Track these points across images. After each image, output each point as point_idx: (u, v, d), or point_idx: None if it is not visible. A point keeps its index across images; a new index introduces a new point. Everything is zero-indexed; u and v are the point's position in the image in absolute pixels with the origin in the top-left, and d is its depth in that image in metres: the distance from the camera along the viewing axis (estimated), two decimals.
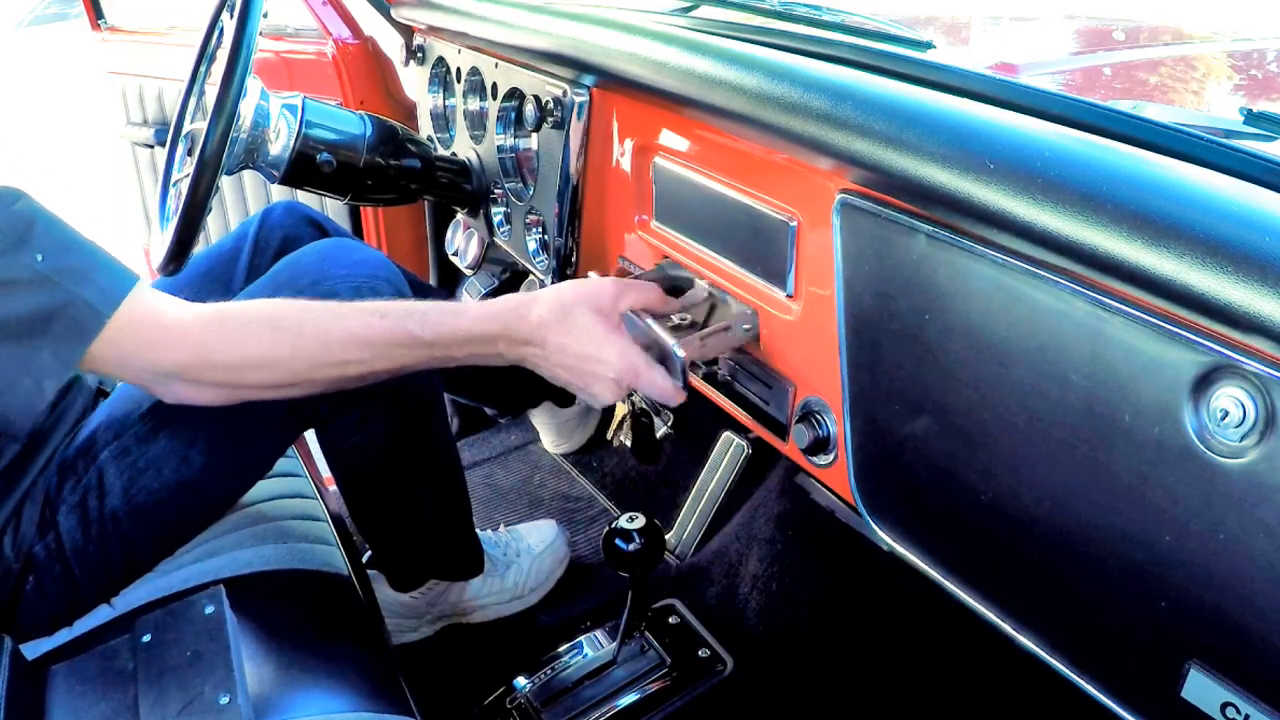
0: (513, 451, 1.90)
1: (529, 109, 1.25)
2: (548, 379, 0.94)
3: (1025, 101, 0.73)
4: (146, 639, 0.95)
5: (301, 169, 1.30)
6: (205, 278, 1.34)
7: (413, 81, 1.73)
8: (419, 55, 1.63)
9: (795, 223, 0.87)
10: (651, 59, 0.97)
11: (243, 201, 2.12)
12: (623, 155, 1.14)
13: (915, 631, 1.28)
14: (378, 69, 1.80)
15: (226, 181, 2.06)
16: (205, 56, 1.29)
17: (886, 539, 0.84)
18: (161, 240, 1.17)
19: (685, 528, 1.60)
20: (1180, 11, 1.64)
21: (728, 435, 1.59)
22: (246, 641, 0.94)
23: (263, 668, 0.90)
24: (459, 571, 1.38)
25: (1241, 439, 0.53)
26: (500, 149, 1.39)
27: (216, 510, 1.07)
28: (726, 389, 1.06)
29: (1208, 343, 0.54)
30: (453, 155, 1.52)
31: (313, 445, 1.25)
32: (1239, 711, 0.56)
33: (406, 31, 1.67)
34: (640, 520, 1.20)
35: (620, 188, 1.16)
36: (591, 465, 1.83)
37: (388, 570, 1.36)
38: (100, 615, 0.99)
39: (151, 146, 2.19)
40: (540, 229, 1.32)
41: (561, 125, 1.18)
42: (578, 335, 0.91)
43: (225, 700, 0.85)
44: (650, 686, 1.30)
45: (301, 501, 1.19)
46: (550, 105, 1.20)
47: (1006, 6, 1.79)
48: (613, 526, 1.20)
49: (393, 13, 1.63)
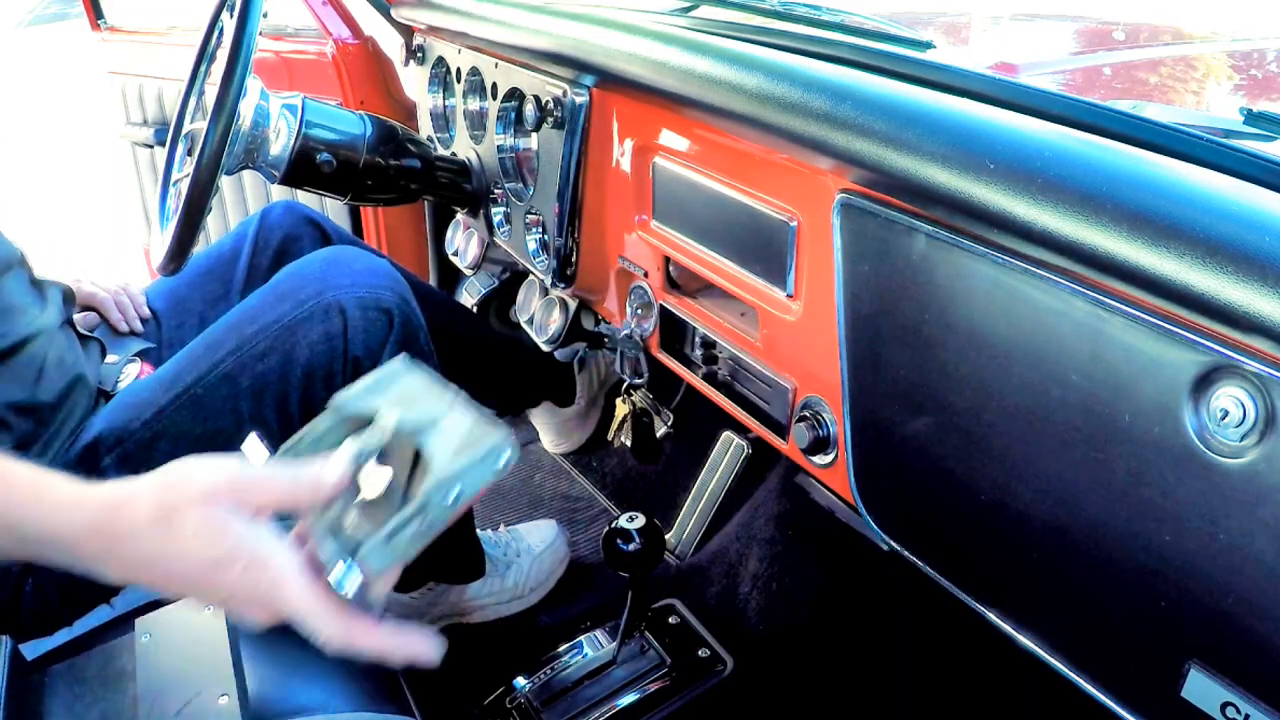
0: None
1: (529, 109, 1.25)
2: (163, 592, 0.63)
3: (1025, 101, 0.73)
4: (145, 639, 0.95)
5: (301, 169, 1.30)
6: (205, 277, 1.34)
7: (413, 81, 1.73)
8: (419, 55, 1.63)
9: (795, 223, 0.87)
10: (651, 59, 0.97)
11: (243, 201, 2.12)
12: (623, 155, 1.14)
13: (915, 631, 1.28)
14: (378, 69, 1.80)
15: (226, 181, 2.06)
16: (205, 56, 1.29)
17: (886, 539, 0.84)
18: (161, 240, 1.17)
19: (685, 528, 1.60)
20: (1180, 11, 1.64)
21: (728, 435, 1.59)
22: (246, 641, 0.94)
23: (262, 668, 0.90)
24: (459, 575, 1.38)
25: (1241, 439, 0.53)
26: (500, 149, 1.39)
27: None
28: (726, 389, 1.06)
29: (1208, 343, 0.54)
30: (453, 155, 1.52)
31: None
32: (1239, 711, 0.56)
33: (406, 31, 1.67)
34: (640, 520, 1.20)
35: (620, 188, 1.16)
36: (591, 465, 1.83)
37: None
38: (100, 615, 0.99)
39: (151, 146, 2.19)
40: (540, 229, 1.32)
41: (561, 125, 1.18)
42: (187, 543, 0.60)
43: (224, 700, 0.85)
44: (650, 686, 1.30)
45: None
46: (550, 105, 1.20)
47: (1006, 6, 1.79)
48: (613, 526, 1.20)
49: (393, 13, 1.63)
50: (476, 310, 1.81)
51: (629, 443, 1.62)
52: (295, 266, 1.10)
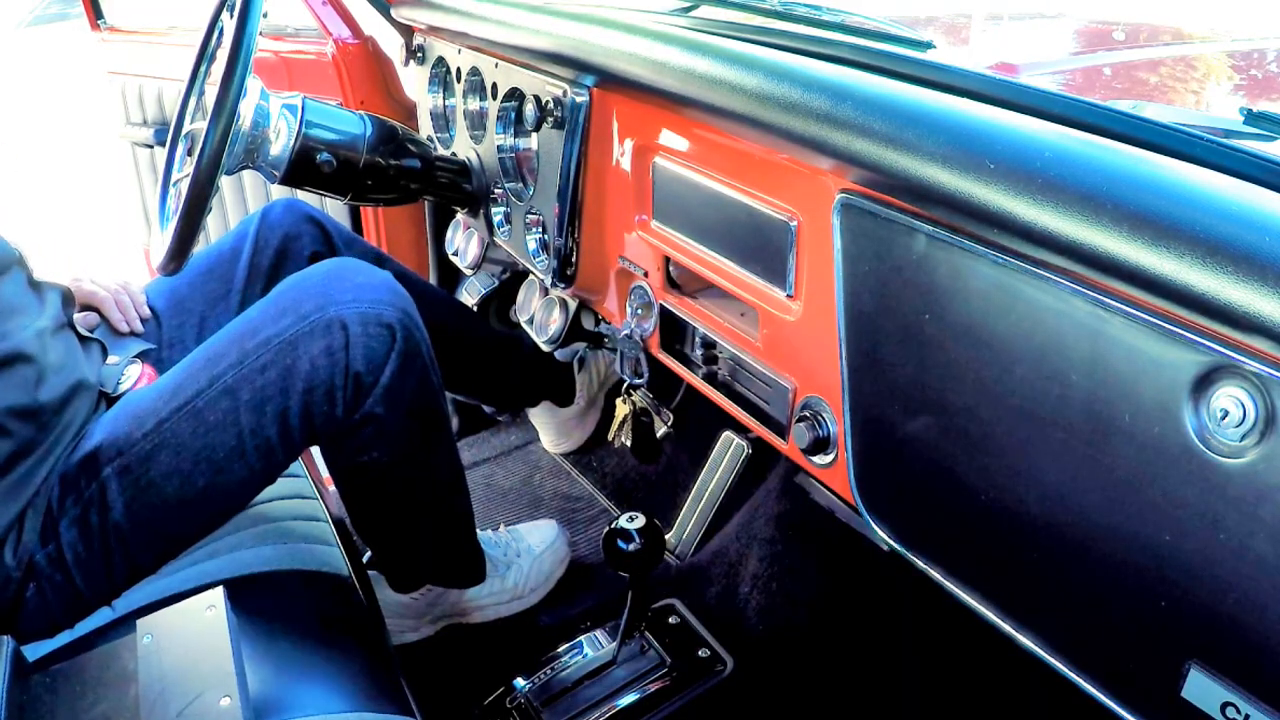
0: (513, 451, 1.90)
1: (529, 109, 1.24)
2: None
3: (1025, 101, 0.73)
4: (147, 640, 0.95)
5: (301, 169, 1.30)
6: (205, 277, 1.34)
7: (413, 81, 1.73)
8: (419, 55, 1.63)
9: (795, 223, 0.87)
10: (651, 59, 0.97)
11: (243, 201, 2.12)
12: (623, 155, 1.14)
13: (915, 631, 1.28)
14: (378, 69, 1.80)
15: (226, 181, 2.06)
16: (205, 56, 1.29)
17: (886, 539, 0.84)
18: (161, 240, 1.17)
19: (685, 528, 1.60)
20: (1180, 11, 1.64)
21: (728, 435, 1.59)
22: (247, 642, 0.94)
23: (263, 668, 0.90)
24: (460, 579, 1.38)
25: (1241, 439, 0.53)
26: (500, 149, 1.39)
27: (219, 521, 1.07)
28: (726, 389, 1.06)
29: (1208, 343, 0.54)
30: (453, 155, 1.52)
31: (314, 446, 1.25)
32: (1239, 711, 0.56)
33: (406, 31, 1.67)
34: (640, 520, 1.20)
35: (620, 187, 1.16)
36: (591, 465, 1.83)
37: (388, 572, 1.36)
38: (101, 616, 0.99)
39: (151, 146, 2.19)
40: (540, 229, 1.32)
41: (561, 125, 1.18)
42: None
43: (225, 701, 0.85)
44: (650, 686, 1.30)
45: (302, 502, 1.19)
46: (550, 105, 1.20)
47: (1006, 6, 1.79)
48: (613, 526, 1.20)
49: (393, 13, 1.63)
50: (476, 310, 1.81)
51: (629, 443, 1.62)
52: (297, 279, 1.09)
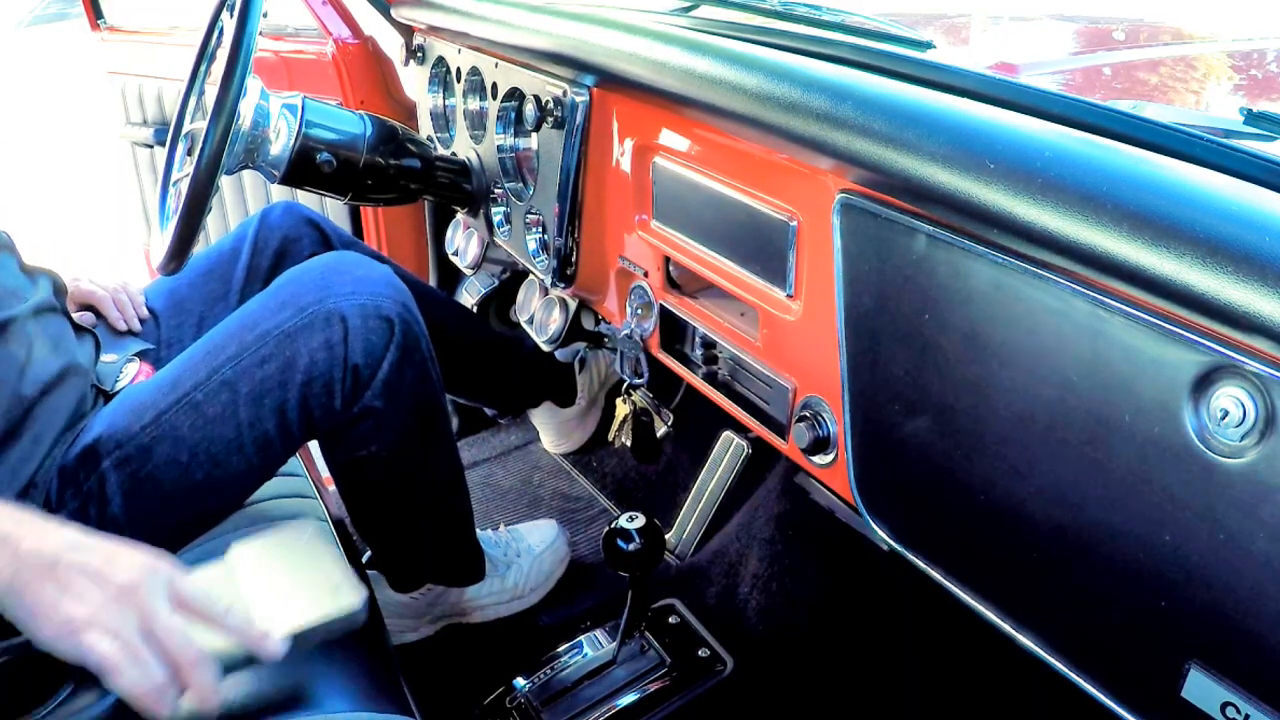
0: (513, 451, 1.90)
1: (529, 109, 1.24)
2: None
3: (1025, 101, 0.73)
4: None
5: (301, 169, 1.29)
6: (205, 277, 1.34)
7: (413, 81, 1.73)
8: (419, 55, 1.63)
9: (795, 223, 0.87)
10: (651, 59, 0.97)
11: (243, 201, 2.12)
12: (623, 155, 1.14)
13: (915, 631, 1.28)
14: (378, 69, 1.80)
15: (226, 181, 2.06)
16: (205, 56, 1.29)
17: (886, 539, 0.84)
18: (161, 240, 1.17)
19: (685, 528, 1.60)
20: (1180, 11, 1.64)
21: (728, 435, 1.59)
22: None
23: (262, 668, 0.90)
24: (459, 578, 1.38)
25: (1241, 439, 0.53)
26: (500, 149, 1.39)
27: (218, 516, 1.07)
28: (726, 389, 1.06)
29: (1208, 343, 0.54)
30: (453, 155, 1.52)
31: (313, 446, 1.25)
32: (1239, 711, 0.56)
33: (406, 31, 1.67)
34: (640, 520, 1.19)
35: (620, 187, 1.16)
36: (591, 465, 1.83)
37: (387, 572, 1.36)
38: None
39: (151, 146, 2.19)
40: (540, 229, 1.32)
41: (561, 125, 1.18)
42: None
43: (225, 700, 0.85)
44: (650, 686, 1.30)
45: (301, 501, 1.19)
46: (550, 105, 1.20)
47: (1006, 6, 1.79)
48: (613, 526, 1.20)
49: (393, 13, 1.63)
50: (476, 310, 1.81)
51: (629, 443, 1.62)
52: (296, 272, 1.09)
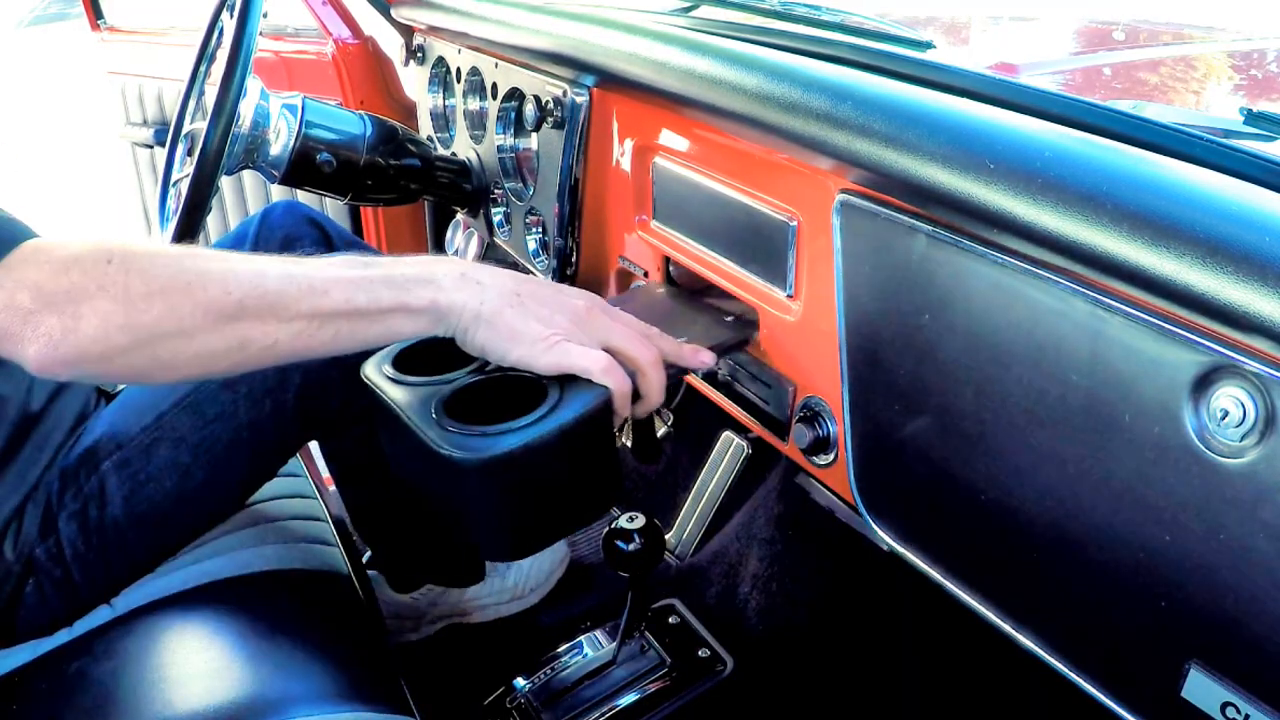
0: None
1: (529, 109, 1.25)
2: (477, 318, 0.72)
3: (1025, 101, 0.72)
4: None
5: (301, 169, 1.30)
6: None
7: (413, 81, 1.73)
8: (419, 55, 1.63)
9: (795, 223, 0.87)
10: (651, 59, 0.97)
11: (243, 201, 2.12)
12: (623, 155, 1.14)
13: (915, 631, 1.28)
14: (378, 69, 1.80)
15: (226, 181, 2.06)
16: (205, 56, 1.29)
17: (886, 539, 0.84)
18: (162, 240, 1.17)
19: (685, 528, 1.60)
20: (1180, 11, 1.64)
21: (728, 435, 1.59)
22: (247, 641, 0.94)
23: (263, 668, 0.90)
24: (459, 579, 1.38)
25: (1241, 439, 0.53)
26: (500, 149, 1.39)
27: (218, 518, 1.07)
28: (726, 389, 1.06)
29: (1208, 343, 0.54)
30: (453, 155, 1.52)
31: (313, 446, 1.25)
32: (1239, 711, 0.56)
33: (406, 31, 1.67)
34: (640, 520, 1.19)
35: (620, 188, 1.16)
36: None
37: (387, 572, 1.36)
38: (100, 616, 0.99)
39: (151, 146, 2.20)
40: (540, 229, 1.32)
41: (561, 125, 1.18)
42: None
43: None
44: (650, 686, 1.30)
45: (302, 502, 1.19)
46: (550, 105, 1.20)
47: (1006, 6, 1.79)
48: (613, 526, 1.20)
49: (393, 13, 1.63)
50: None
51: (629, 443, 1.62)
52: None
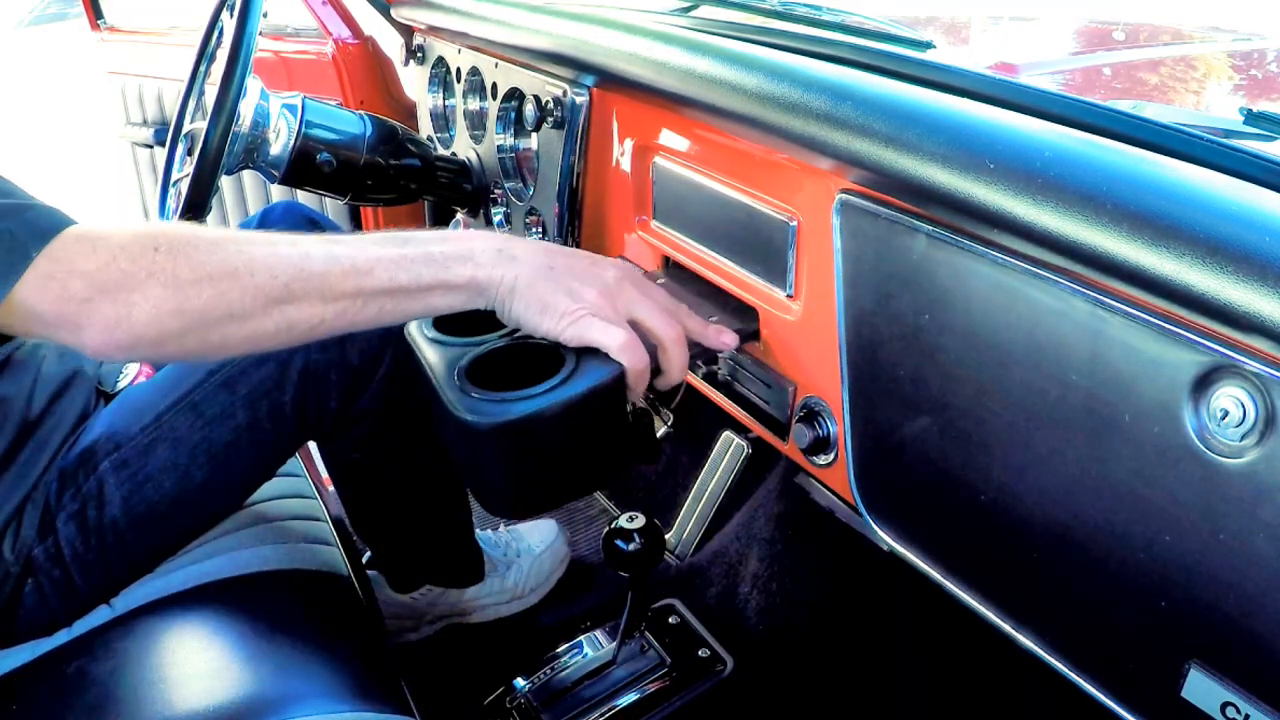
0: None
1: (529, 109, 1.24)
2: (513, 286, 0.75)
3: (1025, 101, 0.72)
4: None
5: (301, 169, 1.29)
6: None
7: (413, 81, 1.73)
8: (419, 55, 1.63)
9: (795, 223, 0.87)
10: (651, 59, 0.97)
11: (243, 201, 2.12)
12: (623, 155, 1.14)
13: (915, 631, 1.28)
14: (378, 69, 1.80)
15: (226, 181, 2.06)
16: (205, 56, 1.29)
17: (886, 539, 0.84)
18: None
19: (685, 528, 1.60)
20: (1180, 12, 1.64)
21: (728, 435, 1.59)
22: (246, 641, 0.94)
23: (262, 668, 0.90)
24: (459, 579, 1.38)
25: (1241, 439, 0.53)
26: (500, 149, 1.39)
27: (217, 518, 1.07)
28: (726, 389, 1.06)
29: (1208, 343, 0.54)
30: (453, 155, 1.52)
31: (313, 446, 1.25)
32: (1239, 711, 0.56)
33: (406, 31, 1.67)
34: (640, 520, 1.19)
35: (620, 188, 1.16)
36: None
37: (387, 572, 1.36)
38: (100, 615, 0.99)
39: (151, 146, 2.20)
40: (540, 229, 1.32)
41: (561, 125, 1.18)
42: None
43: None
44: (650, 686, 1.30)
45: (302, 502, 1.19)
46: (550, 105, 1.20)
47: (1006, 6, 1.79)
48: (613, 526, 1.20)
49: (393, 13, 1.63)
50: None
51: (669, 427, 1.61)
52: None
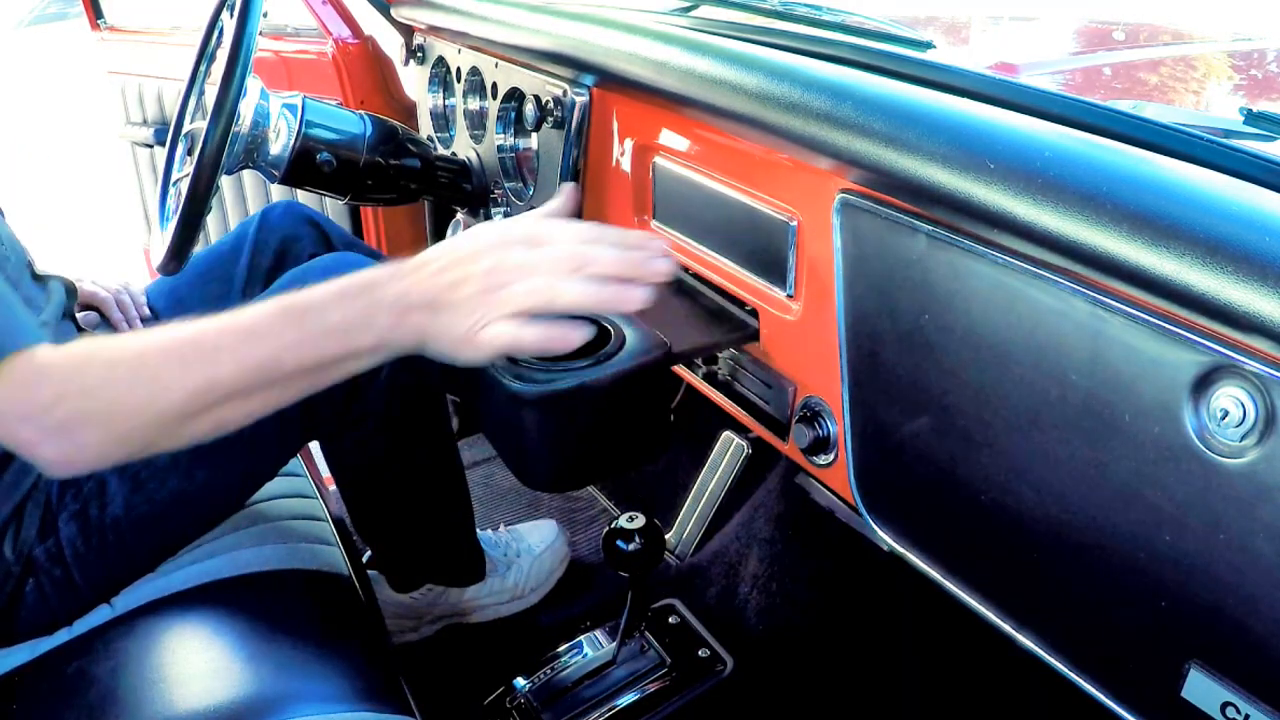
0: None
1: (529, 109, 1.24)
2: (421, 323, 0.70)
3: (1025, 101, 0.72)
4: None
5: (301, 168, 1.29)
6: (205, 277, 1.34)
7: (413, 81, 1.73)
8: (419, 55, 1.63)
9: (795, 223, 0.87)
10: (651, 59, 0.97)
11: (243, 201, 2.12)
12: (623, 155, 1.14)
13: (915, 631, 1.28)
14: (378, 69, 1.80)
15: (226, 181, 2.06)
16: (205, 56, 1.29)
17: (886, 539, 0.84)
18: (161, 240, 1.17)
19: (685, 528, 1.60)
20: (1180, 11, 1.64)
21: (728, 435, 1.59)
22: (247, 641, 0.94)
23: (263, 667, 0.90)
24: (459, 578, 1.38)
25: (1241, 439, 0.53)
26: (500, 149, 1.39)
27: (218, 518, 1.07)
28: (726, 389, 1.06)
29: (1208, 343, 0.54)
30: (453, 155, 1.52)
31: (313, 446, 1.25)
32: (1239, 711, 0.56)
33: (406, 31, 1.67)
34: (640, 520, 1.19)
35: (620, 188, 1.16)
36: None
37: (388, 572, 1.36)
38: (100, 615, 0.99)
39: (151, 146, 2.19)
40: None
41: (561, 125, 1.18)
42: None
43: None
44: (650, 686, 1.30)
45: (302, 501, 1.19)
46: (550, 105, 1.20)
47: (1006, 6, 1.79)
48: (613, 526, 1.20)
49: (393, 13, 1.63)
50: None
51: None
52: (296, 274, 1.09)
